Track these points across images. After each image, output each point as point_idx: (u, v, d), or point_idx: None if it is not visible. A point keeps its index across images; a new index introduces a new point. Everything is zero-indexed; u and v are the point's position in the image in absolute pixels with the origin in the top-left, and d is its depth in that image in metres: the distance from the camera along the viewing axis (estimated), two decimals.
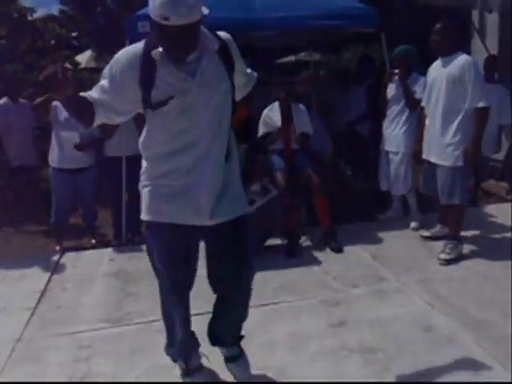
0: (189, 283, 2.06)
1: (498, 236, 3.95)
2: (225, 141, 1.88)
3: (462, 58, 3.34)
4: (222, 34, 1.87)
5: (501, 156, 5.17)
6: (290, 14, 4.19)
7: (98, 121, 1.83)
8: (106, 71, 1.80)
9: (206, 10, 1.65)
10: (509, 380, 2.04)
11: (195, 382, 2.20)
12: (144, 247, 3.95)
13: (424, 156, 3.64)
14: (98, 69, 11.20)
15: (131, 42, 4.28)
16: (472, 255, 3.56)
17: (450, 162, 3.40)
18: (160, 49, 1.69)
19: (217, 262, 2.03)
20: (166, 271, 1.99)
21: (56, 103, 3.99)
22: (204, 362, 2.27)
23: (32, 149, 5.11)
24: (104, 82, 1.79)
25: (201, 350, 2.26)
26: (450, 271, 3.34)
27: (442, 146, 3.43)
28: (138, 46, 1.76)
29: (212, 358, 2.29)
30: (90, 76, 8.53)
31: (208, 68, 1.77)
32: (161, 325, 2.74)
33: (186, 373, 2.21)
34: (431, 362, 2.31)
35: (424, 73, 3.84)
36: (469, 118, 3.33)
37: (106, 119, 1.84)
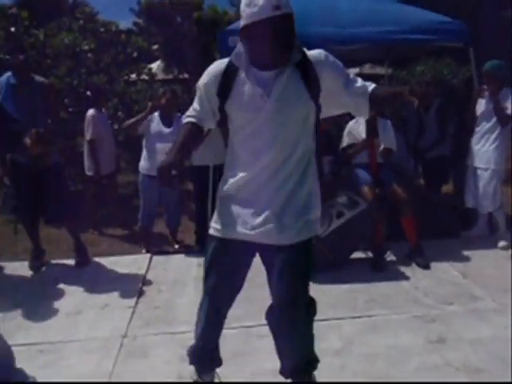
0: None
1: None
2: (300, 164, 1.83)
3: None
4: (314, 52, 1.81)
5: None
6: (376, 29, 4.22)
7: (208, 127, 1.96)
8: (198, 83, 1.92)
9: None
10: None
11: None
12: None
13: None
14: (167, 80, 11.71)
15: (222, 55, 4.52)
16: None
17: None
18: (247, 61, 1.74)
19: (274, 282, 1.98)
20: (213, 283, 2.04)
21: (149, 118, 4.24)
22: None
23: (114, 157, 5.37)
24: (196, 94, 1.92)
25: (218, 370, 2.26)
26: None
27: None
28: (224, 61, 1.84)
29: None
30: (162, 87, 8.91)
31: (287, 86, 1.74)
32: (258, 330, 2.84)
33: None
34: None
35: None
36: None
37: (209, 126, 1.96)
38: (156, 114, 4.28)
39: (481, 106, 4.10)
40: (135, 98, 6.22)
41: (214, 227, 1.96)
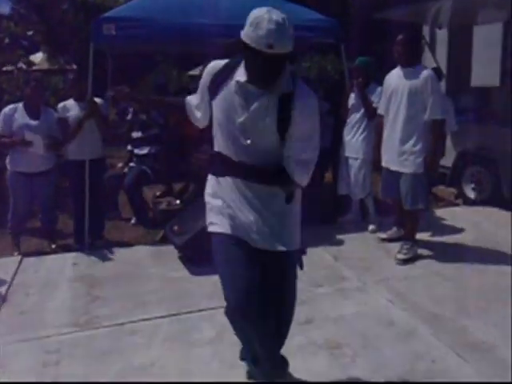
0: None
1: (448, 237, 4.21)
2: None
3: (425, 72, 3.52)
4: (304, 87, 1.82)
5: (450, 163, 5.50)
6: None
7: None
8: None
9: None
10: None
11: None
12: (107, 251, 3.99)
13: (383, 164, 3.81)
14: (51, 70, 10.95)
15: (96, 44, 4.30)
16: (426, 255, 3.79)
17: (412, 169, 3.57)
18: (243, 72, 1.77)
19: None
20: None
21: (9, 110, 3.92)
22: None
23: None
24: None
25: None
26: (407, 270, 3.55)
27: (403, 155, 3.60)
28: (223, 61, 1.89)
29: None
30: (45, 77, 8.33)
31: (263, 108, 1.77)
32: (130, 327, 2.78)
33: None
34: (395, 355, 2.46)
35: (380, 82, 4.07)
36: (428, 128, 3.53)
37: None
38: (20, 105, 3.96)
39: (351, 99, 4.38)
40: (6, 88, 5.71)
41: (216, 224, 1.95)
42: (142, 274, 3.53)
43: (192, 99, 2.06)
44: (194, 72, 5.99)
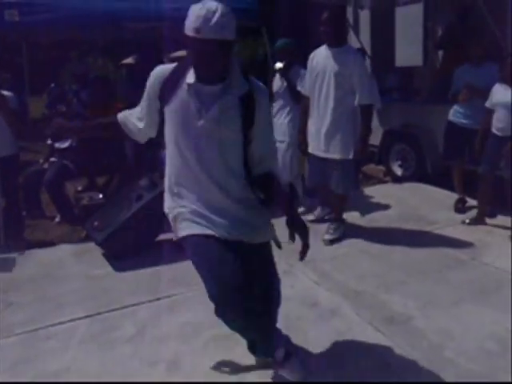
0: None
1: (375, 214, 4.32)
2: (237, 182, 1.86)
3: (353, 54, 3.46)
4: (258, 83, 1.84)
5: (377, 142, 5.64)
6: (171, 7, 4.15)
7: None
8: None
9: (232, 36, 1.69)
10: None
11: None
12: (26, 252, 3.76)
13: (310, 150, 3.74)
14: None
15: None
16: (353, 234, 3.86)
17: (342, 155, 3.53)
18: (192, 73, 1.75)
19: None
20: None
21: None
22: None
23: None
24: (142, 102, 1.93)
25: None
26: (333, 250, 3.60)
27: (331, 140, 3.54)
28: (170, 66, 1.86)
29: None
30: None
31: (224, 109, 1.76)
32: (46, 332, 2.64)
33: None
34: (317, 335, 2.49)
35: (304, 65, 4.04)
36: (356, 112, 3.49)
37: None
38: None
39: (276, 83, 4.34)
40: None
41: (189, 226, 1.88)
42: (63, 274, 3.36)
43: (133, 113, 1.98)
44: (127, 61, 5.80)
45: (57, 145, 4.70)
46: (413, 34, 6.54)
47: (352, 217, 4.18)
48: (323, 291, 2.97)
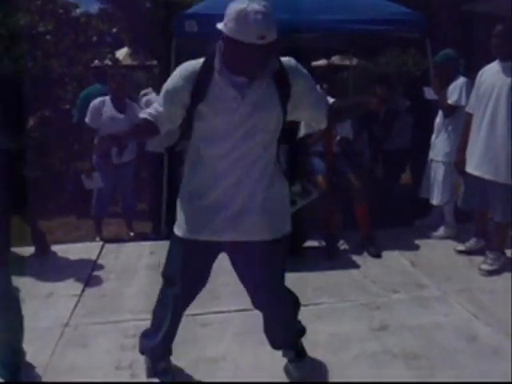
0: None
1: None
2: (269, 165, 1.87)
3: None
4: (286, 59, 1.85)
5: None
6: (336, 18, 4.20)
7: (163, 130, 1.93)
8: (166, 83, 1.89)
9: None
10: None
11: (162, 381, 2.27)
12: None
13: (468, 169, 3.49)
14: (134, 66, 11.44)
15: (178, 41, 4.42)
16: None
17: (505, 178, 3.26)
18: (221, 65, 1.75)
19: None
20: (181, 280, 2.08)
21: (99, 103, 4.12)
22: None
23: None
24: (161, 94, 1.90)
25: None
26: (491, 282, 3.30)
27: (496, 161, 3.28)
28: (198, 61, 1.83)
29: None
30: (129, 73, 8.70)
31: (259, 91, 1.78)
32: (203, 318, 2.83)
33: (150, 373, 2.28)
34: (477, 372, 2.30)
35: (468, 78, 3.80)
36: None
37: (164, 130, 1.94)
38: (107, 98, 4.16)
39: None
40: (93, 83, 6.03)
41: (180, 227, 1.97)
42: (216, 266, 3.55)
43: (160, 116, 1.87)
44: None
45: None
46: None
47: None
48: (482, 326, 2.73)
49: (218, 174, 1.86)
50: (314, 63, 10.30)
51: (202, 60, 1.83)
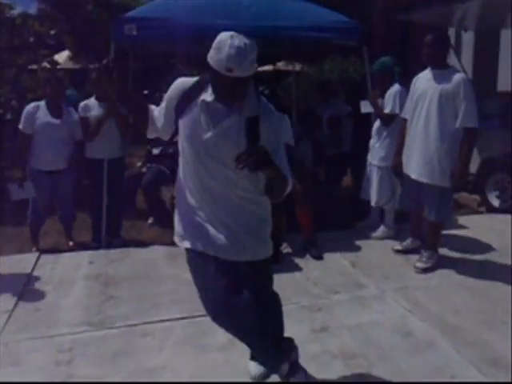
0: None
1: (470, 246, 4.09)
2: (246, 191, 1.89)
3: (458, 76, 3.33)
4: (265, 103, 1.89)
5: (473, 170, 5.35)
6: (277, 24, 4.26)
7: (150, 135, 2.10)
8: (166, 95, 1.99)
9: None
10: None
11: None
12: (124, 250, 4.00)
13: (405, 171, 3.64)
14: (75, 70, 11.08)
15: (117, 44, 4.31)
16: (446, 264, 3.67)
17: (440, 181, 3.41)
18: (209, 91, 1.82)
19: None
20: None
21: (33, 108, 3.96)
22: None
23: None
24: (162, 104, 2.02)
25: None
26: (426, 279, 3.45)
27: (429, 164, 3.42)
28: (192, 80, 1.92)
29: None
30: (68, 77, 8.42)
31: (231, 125, 1.81)
32: (143, 328, 2.76)
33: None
34: (412, 367, 2.39)
35: (404, 85, 3.97)
36: (458, 137, 3.35)
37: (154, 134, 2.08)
38: (43, 103, 4.00)
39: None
40: (29, 86, 5.79)
41: (186, 240, 2.01)
42: (158, 274, 3.52)
43: (155, 112, 2.04)
44: None
45: (153, 151, 4.97)
46: None
47: (445, 246, 3.99)
48: (417, 321, 2.84)
49: (197, 195, 1.93)
50: (260, 68, 10.43)
51: (194, 79, 1.92)
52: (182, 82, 1.93)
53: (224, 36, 1.72)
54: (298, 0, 4.77)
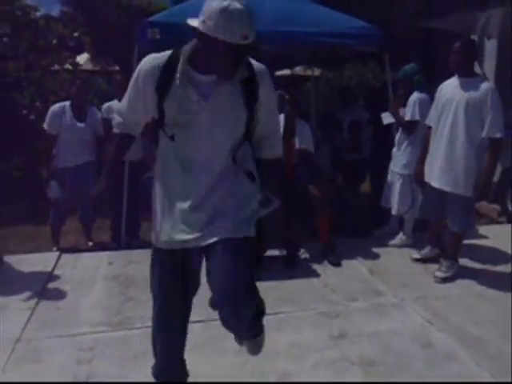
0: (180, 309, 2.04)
1: (491, 257, 4.03)
2: (233, 168, 1.79)
3: (485, 85, 3.29)
4: (258, 64, 1.80)
5: (494, 179, 5.28)
6: (297, 29, 4.27)
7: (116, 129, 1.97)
8: (131, 79, 1.83)
9: None
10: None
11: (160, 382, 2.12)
12: (143, 251, 4.03)
13: (427, 179, 3.60)
14: (95, 71, 11.23)
15: (140, 48, 4.37)
16: (466, 274, 3.63)
17: (463, 191, 3.36)
18: (185, 62, 1.68)
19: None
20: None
21: (58, 108, 4.02)
22: None
23: None
24: (128, 92, 1.88)
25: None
26: (446, 289, 3.41)
27: (454, 173, 3.38)
28: (164, 55, 1.76)
29: None
30: (89, 78, 8.55)
31: (224, 94, 1.71)
32: None
33: None
34: (431, 377, 2.37)
35: (428, 91, 3.94)
36: (484, 146, 3.32)
37: (121, 128, 1.95)
38: (67, 104, 4.07)
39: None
40: (52, 88, 5.89)
41: (156, 237, 1.89)
42: None
43: (124, 113, 1.91)
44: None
45: None
46: None
47: (466, 256, 3.94)
48: (436, 332, 2.82)
49: (181, 177, 1.78)
50: (278, 72, 10.44)
51: (166, 55, 1.75)
52: (154, 58, 1.75)
53: (220, 3, 1.56)
54: (318, 6, 4.77)
